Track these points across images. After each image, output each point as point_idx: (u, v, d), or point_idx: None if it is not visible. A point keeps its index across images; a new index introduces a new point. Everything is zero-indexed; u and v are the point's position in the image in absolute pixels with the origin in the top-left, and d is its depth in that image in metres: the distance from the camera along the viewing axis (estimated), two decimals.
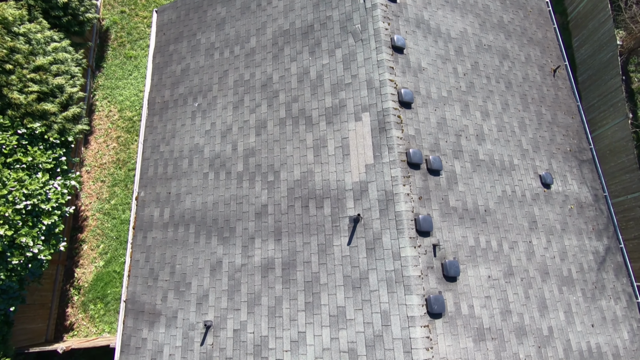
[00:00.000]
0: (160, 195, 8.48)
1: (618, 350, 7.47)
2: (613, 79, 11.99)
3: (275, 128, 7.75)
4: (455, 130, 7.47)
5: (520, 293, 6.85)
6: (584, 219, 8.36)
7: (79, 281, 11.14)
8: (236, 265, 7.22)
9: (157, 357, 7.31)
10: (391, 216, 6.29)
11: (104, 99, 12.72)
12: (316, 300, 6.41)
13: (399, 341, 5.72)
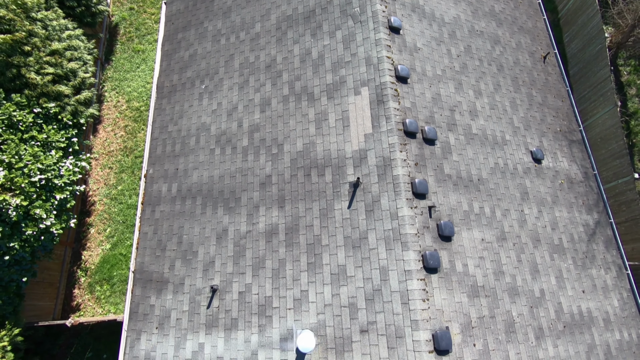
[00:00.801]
0: (168, 171, 8.86)
1: (609, 316, 7.75)
2: (602, 70, 12.48)
3: (279, 105, 8.17)
4: (449, 105, 7.90)
5: (513, 257, 7.17)
6: (574, 193, 8.72)
7: (85, 263, 11.43)
8: (241, 232, 7.55)
9: (164, 322, 7.59)
10: (389, 180, 6.66)
11: (112, 90, 13.19)
12: (318, 261, 6.73)
13: (397, 294, 6.03)
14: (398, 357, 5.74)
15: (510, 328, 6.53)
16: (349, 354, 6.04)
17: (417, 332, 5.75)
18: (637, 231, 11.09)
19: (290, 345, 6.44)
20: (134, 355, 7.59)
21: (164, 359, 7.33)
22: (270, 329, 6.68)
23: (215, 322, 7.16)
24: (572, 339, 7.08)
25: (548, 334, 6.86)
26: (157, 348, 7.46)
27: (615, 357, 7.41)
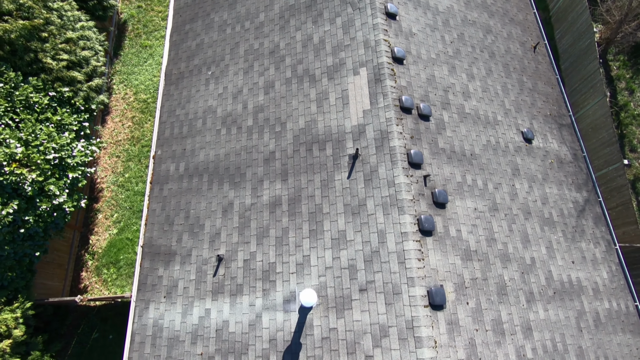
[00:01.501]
0: (176, 152, 9.27)
1: (598, 286, 8.08)
2: (591, 63, 12.99)
3: (282, 87, 8.63)
4: (443, 86, 8.35)
5: (504, 226, 7.54)
6: (564, 172, 9.12)
7: (93, 247, 11.77)
8: (246, 205, 7.94)
9: (172, 292, 7.92)
10: (386, 151, 7.08)
11: (120, 83, 13.69)
12: (319, 228, 7.11)
13: (393, 254, 6.39)
14: (395, 312, 6.07)
15: (502, 291, 6.87)
16: (348, 312, 6.38)
17: (413, 288, 6.09)
18: (628, 215, 11.46)
19: (293, 307, 6.78)
20: (143, 323, 7.90)
21: (172, 325, 7.64)
22: (274, 292, 7.02)
23: (221, 288, 7.50)
24: (562, 305, 7.41)
25: (539, 298, 7.20)
26: (164, 316, 7.77)
27: (605, 325, 7.73)
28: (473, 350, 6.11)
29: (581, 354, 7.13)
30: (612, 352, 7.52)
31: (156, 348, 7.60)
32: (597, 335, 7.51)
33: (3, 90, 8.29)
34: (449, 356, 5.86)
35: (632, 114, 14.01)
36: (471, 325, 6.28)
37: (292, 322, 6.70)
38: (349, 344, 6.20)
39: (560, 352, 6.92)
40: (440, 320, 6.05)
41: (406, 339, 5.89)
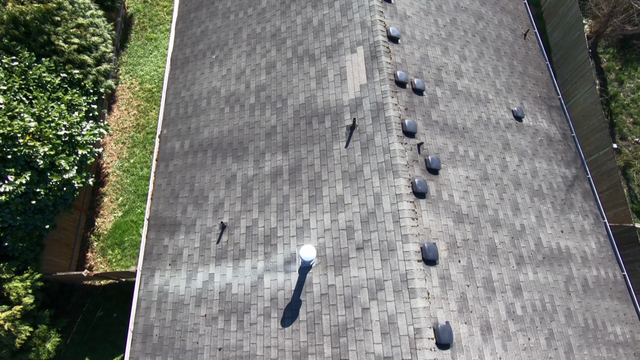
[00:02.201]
0: (181, 130, 9.66)
1: (586, 255, 8.41)
2: (581, 54, 13.48)
3: (283, 67, 9.06)
4: (436, 65, 8.78)
5: (495, 194, 7.90)
6: (553, 150, 9.51)
7: (98, 229, 12.09)
8: (248, 176, 8.30)
9: (177, 259, 8.24)
10: (382, 121, 7.47)
11: (126, 74, 14.15)
12: (318, 194, 7.46)
13: (389, 214, 6.74)
14: (390, 267, 6.40)
15: (492, 252, 7.20)
16: (346, 269, 6.70)
17: (407, 244, 6.43)
18: (618, 197, 11.81)
19: (293, 267, 7.10)
20: (148, 290, 8.21)
21: (176, 291, 7.95)
22: (275, 255, 7.35)
23: (224, 254, 7.82)
24: (551, 269, 7.73)
25: (528, 261, 7.52)
26: (169, 282, 8.08)
27: (593, 290, 8.03)
28: (464, 304, 6.42)
29: (569, 315, 7.42)
30: (600, 316, 7.81)
31: (161, 312, 7.89)
32: (585, 299, 7.82)
33: (18, 69, 8.71)
34: (441, 307, 6.17)
35: (621, 103, 14.45)
36: (463, 281, 6.60)
37: (293, 281, 7.02)
38: (347, 299, 6.51)
39: (549, 312, 7.22)
40: (433, 275, 6.37)
41: (400, 291, 6.21)
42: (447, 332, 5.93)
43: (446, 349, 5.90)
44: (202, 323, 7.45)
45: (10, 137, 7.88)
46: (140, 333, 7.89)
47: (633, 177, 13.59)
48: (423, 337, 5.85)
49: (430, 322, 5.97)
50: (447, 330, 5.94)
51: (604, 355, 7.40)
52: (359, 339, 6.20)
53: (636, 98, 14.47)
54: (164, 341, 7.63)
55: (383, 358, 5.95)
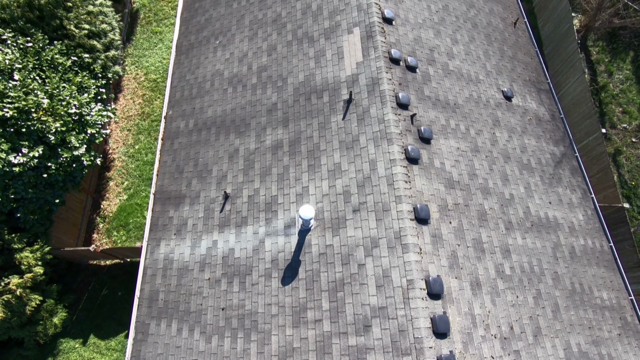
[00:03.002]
0: (185, 111, 10.10)
1: (574, 225, 8.78)
2: (571, 45, 13.98)
3: (284, 49, 9.53)
4: (429, 46, 9.25)
5: (485, 165, 8.30)
6: (542, 129, 9.93)
7: (104, 211, 12.46)
8: (250, 149, 8.71)
9: (182, 229, 8.61)
10: (377, 94, 7.90)
11: (132, 65, 14.64)
12: (317, 163, 7.86)
13: (383, 178, 7.13)
14: (385, 226, 6.77)
15: (482, 217, 7.58)
16: (343, 230, 7.07)
17: (400, 204, 6.81)
18: (607, 180, 12.20)
19: (293, 231, 7.47)
20: (154, 258, 8.56)
21: (181, 258, 8.30)
22: (276, 220, 7.72)
23: (227, 222, 8.19)
24: (539, 236, 8.09)
25: (517, 227, 7.89)
26: (174, 250, 8.44)
27: (580, 257, 8.39)
28: (455, 261, 6.77)
29: (557, 279, 7.77)
30: (586, 281, 8.16)
31: (167, 278, 8.24)
32: (573, 265, 8.17)
33: (32, 50, 9.17)
34: (432, 262, 6.53)
35: (611, 93, 14.93)
36: (453, 240, 6.97)
37: (292, 243, 7.38)
38: (344, 257, 6.87)
39: (537, 274, 7.57)
40: (425, 233, 6.74)
41: (394, 247, 6.57)
42: (438, 284, 6.28)
43: (437, 299, 6.24)
44: (205, 286, 7.79)
45: (25, 111, 8.31)
46: (146, 298, 8.23)
47: (623, 163, 14.00)
48: (415, 287, 6.20)
49: (422, 275, 6.32)
50: (438, 282, 6.29)
51: (590, 317, 7.73)
52: (355, 293, 6.55)
53: (625, 88, 14.95)
54: (169, 305, 7.96)
55: (378, 308, 6.30)
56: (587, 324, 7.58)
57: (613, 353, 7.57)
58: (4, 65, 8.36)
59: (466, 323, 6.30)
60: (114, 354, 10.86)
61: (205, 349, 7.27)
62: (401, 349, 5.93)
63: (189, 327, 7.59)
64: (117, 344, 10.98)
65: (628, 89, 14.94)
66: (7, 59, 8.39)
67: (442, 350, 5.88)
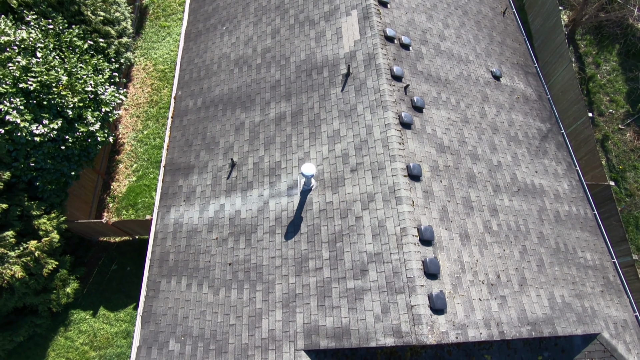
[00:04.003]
0: (194, 91, 10.75)
1: (559, 193, 9.34)
2: (559, 36, 14.71)
3: (286, 32, 10.22)
4: (421, 28, 9.93)
5: (474, 135, 8.90)
6: (529, 107, 10.56)
7: (114, 192, 13.04)
8: (255, 122, 9.33)
9: (191, 196, 9.17)
10: (373, 67, 8.55)
11: (141, 56, 15.37)
12: (317, 130, 8.47)
13: (379, 141, 7.73)
14: (380, 182, 7.35)
15: (471, 179, 8.15)
16: (342, 188, 7.64)
17: (394, 163, 7.39)
18: (594, 160, 12.79)
19: (295, 191, 8.03)
20: (165, 223, 9.10)
21: (190, 221, 8.85)
22: (279, 183, 8.30)
23: (233, 187, 8.77)
24: (526, 200, 8.65)
25: (504, 190, 8.45)
26: (184, 215, 8.99)
27: (564, 221, 8.93)
28: (445, 215, 7.33)
29: (542, 238, 8.30)
30: (570, 242, 8.68)
31: (176, 240, 8.78)
32: (557, 227, 8.70)
33: (52, 32, 9.86)
34: (424, 214, 7.08)
35: (599, 83, 15.61)
36: (444, 197, 7.53)
37: (295, 203, 7.94)
38: (342, 211, 7.43)
39: (523, 233, 8.11)
40: (418, 189, 7.31)
41: (389, 200, 7.13)
42: (429, 232, 6.83)
43: (428, 245, 6.78)
44: (213, 245, 8.33)
45: (47, 85, 8.95)
46: (157, 259, 8.75)
47: (611, 148, 14.60)
48: (408, 234, 6.74)
49: (414, 224, 6.87)
50: (429, 230, 6.84)
51: (574, 274, 8.24)
52: (353, 242, 7.09)
53: (612, 79, 15.63)
54: (179, 264, 8.49)
55: (374, 254, 6.83)
56: (570, 280, 8.08)
57: (596, 307, 8.06)
58: (28, 43, 9.03)
59: (455, 268, 6.83)
60: (122, 324, 11.32)
61: (213, 301, 7.78)
62: (395, 288, 6.45)
63: (197, 282, 8.10)
64: (125, 315, 11.45)
65: (615, 79, 15.62)
66: (32, 37, 9.07)
67: (433, 289, 6.40)
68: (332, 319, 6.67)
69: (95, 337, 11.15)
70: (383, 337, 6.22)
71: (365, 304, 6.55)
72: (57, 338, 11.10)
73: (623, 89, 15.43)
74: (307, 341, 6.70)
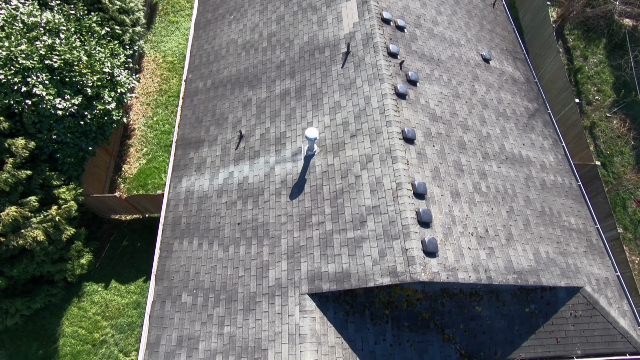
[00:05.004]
0: (203, 73, 11.48)
1: (545, 164, 9.99)
2: (547, 30, 15.54)
3: (290, 17, 11.00)
4: (416, 14, 10.71)
5: (465, 109, 9.59)
6: (517, 87, 11.28)
7: (125, 173, 13.69)
8: (262, 98, 10.03)
9: (201, 166, 9.82)
10: (370, 46, 9.28)
11: (151, 49, 16.18)
12: (320, 102, 9.16)
13: (376, 109, 8.41)
14: (377, 145, 8.01)
15: (462, 146, 8.81)
16: (342, 152, 8.30)
17: (390, 127, 8.07)
18: (581, 143, 13.47)
19: (299, 157, 8.69)
20: (177, 192, 9.74)
21: (201, 189, 9.48)
22: (284, 150, 8.96)
23: (241, 156, 9.42)
24: (513, 167, 9.30)
25: (493, 158, 9.11)
26: (195, 183, 9.63)
27: (550, 189, 9.56)
28: (437, 174, 7.97)
29: (528, 201, 8.93)
30: (556, 207, 9.31)
31: (188, 206, 9.40)
32: (543, 194, 9.34)
33: (74, 17, 10.64)
34: (418, 172, 7.73)
35: (586, 75, 16.38)
36: (436, 159, 8.19)
37: (299, 167, 8.60)
38: (343, 172, 8.08)
39: (510, 195, 8.74)
40: (412, 150, 7.97)
41: (385, 160, 7.79)
42: (423, 186, 7.47)
43: (422, 199, 7.42)
44: (223, 208, 8.95)
45: (69, 63, 9.68)
46: (170, 224, 9.36)
47: (598, 135, 15.30)
48: (403, 188, 7.38)
49: (409, 179, 7.52)
50: (422, 185, 7.48)
51: (558, 234, 8.85)
52: (353, 198, 7.72)
53: (599, 70, 16.42)
54: (191, 226, 9.10)
55: (372, 207, 7.46)
56: (555, 239, 8.69)
57: (579, 264, 8.65)
58: (52, 25, 9.79)
59: (446, 220, 7.45)
60: (133, 296, 11.86)
61: (223, 257, 8.38)
62: (391, 235, 7.07)
63: (208, 241, 8.71)
64: (136, 287, 12.00)
65: (602, 71, 16.41)
66: (56, 20, 9.83)
67: (426, 235, 7.02)
68: (334, 265, 7.27)
69: (107, 307, 11.69)
70: (380, 278, 6.82)
71: (364, 251, 7.16)
72: (70, 308, 11.63)
73: (609, 79, 16.20)
74: (311, 286, 7.29)
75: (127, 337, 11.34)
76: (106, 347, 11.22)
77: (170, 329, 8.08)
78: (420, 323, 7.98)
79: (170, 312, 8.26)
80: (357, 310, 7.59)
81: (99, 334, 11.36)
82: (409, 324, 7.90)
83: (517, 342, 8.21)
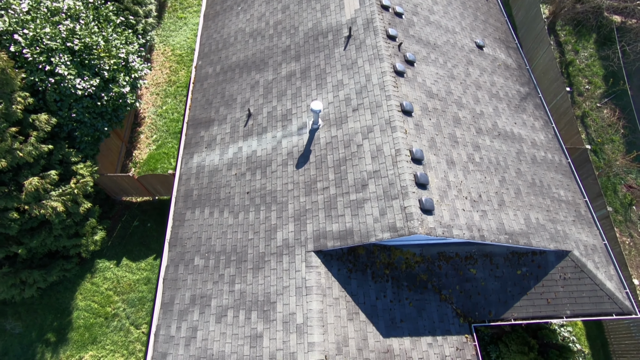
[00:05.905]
0: (213, 60, 12.14)
1: (536, 142, 10.59)
2: (539, 24, 16.28)
3: (295, 6, 11.69)
4: (413, 2, 11.41)
5: (460, 88, 10.22)
6: (509, 73, 11.94)
7: (136, 158, 14.28)
8: (269, 80, 10.67)
9: (211, 143, 10.42)
10: (371, 29, 9.95)
11: (160, 43, 16.89)
12: (323, 82, 9.79)
13: (376, 85, 9.04)
14: (378, 117, 8.61)
15: (457, 121, 9.42)
16: (345, 124, 8.90)
17: (389, 101, 8.68)
18: (572, 129, 14.10)
19: (305, 131, 9.29)
20: (189, 167, 10.32)
21: (211, 163, 10.06)
22: (290, 126, 9.56)
23: (250, 132, 10.02)
24: (505, 143, 9.89)
25: (486, 133, 9.71)
26: (205, 159, 10.21)
27: (540, 164, 10.15)
28: (434, 144, 8.56)
29: (520, 173, 9.51)
30: (546, 180, 9.88)
31: (199, 179, 9.97)
32: (534, 167, 9.92)
33: (92, 5, 11.33)
34: (415, 141, 8.32)
35: (577, 67, 17.08)
36: (433, 131, 8.79)
37: (304, 139, 9.19)
38: (345, 142, 8.67)
39: (502, 167, 9.32)
40: (410, 122, 8.57)
41: (385, 130, 8.38)
42: (420, 153, 8.05)
43: (419, 164, 8.00)
44: (232, 179, 9.52)
45: (88, 47, 10.33)
46: (182, 196, 9.93)
47: (590, 124, 15.93)
48: (402, 154, 7.97)
49: (407, 147, 8.10)
50: (419, 152, 8.06)
51: (548, 204, 9.41)
52: (355, 164, 8.30)
53: (589, 64, 17.12)
54: (202, 197, 9.66)
55: (373, 172, 8.04)
56: (545, 208, 9.25)
57: (567, 231, 9.20)
58: (73, 11, 10.47)
59: (442, 185, 8.02)
60: (143, 273, 12.36)
61: (233, 223, 8.92)
62: (391, 195, 7.63)
63: (219, 210, 9.26)
64: (146, 265, 12.51)
65: (592, 64, 17.11)
66: (77, 5, 10.51)
67: (423, 196, 7.58)
68: (338, 225, 7.83)
69: (119, 283, 12.18)
70: (381, 233, 7.37)
71: (366, 210, 7.71)
72: (84, 283, 12.13)
73: (600, 72, 16.89)
74: (316, 244, 7.83)
75: (137, 310, 11.82)
76: (118, 320, 11.69)
77: (183, 289, 8.60)
78: (419, 283, 8.51)
79: (184, 274, 8.78)
80: (359, 269, 8.12)
81: (111, 308, 11.84)
82: (408, 283, 8.42)
83: (509, 303, 8.72)
